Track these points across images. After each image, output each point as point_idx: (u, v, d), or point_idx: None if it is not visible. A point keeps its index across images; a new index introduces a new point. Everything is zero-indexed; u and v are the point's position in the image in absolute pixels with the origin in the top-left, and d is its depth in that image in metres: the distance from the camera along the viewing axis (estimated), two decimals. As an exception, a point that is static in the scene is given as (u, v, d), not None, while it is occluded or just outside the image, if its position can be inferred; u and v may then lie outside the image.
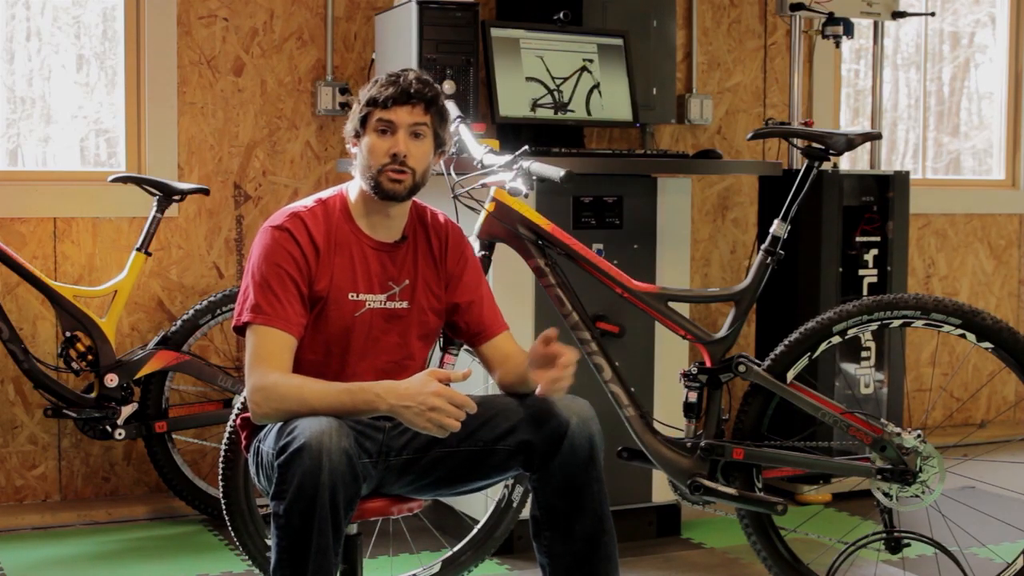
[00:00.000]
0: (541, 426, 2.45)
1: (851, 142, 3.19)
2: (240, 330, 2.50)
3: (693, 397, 3.14)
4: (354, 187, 2.61)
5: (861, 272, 4.33)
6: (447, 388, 2.32)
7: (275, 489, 2.29)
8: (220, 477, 2.96)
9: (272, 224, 2.53)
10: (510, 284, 3.57)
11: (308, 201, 2.59)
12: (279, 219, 2.54)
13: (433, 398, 2.30)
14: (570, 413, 2.47)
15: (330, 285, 2.52)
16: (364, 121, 2.54)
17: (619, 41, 4.15)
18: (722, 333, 3.15)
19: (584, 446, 2.45)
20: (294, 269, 2.48)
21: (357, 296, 2.55)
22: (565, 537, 2.47)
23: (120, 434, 3.89)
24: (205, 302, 4.01)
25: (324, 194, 2.62)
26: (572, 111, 4.03)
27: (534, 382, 2.47)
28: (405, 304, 2.60)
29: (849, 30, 4.53)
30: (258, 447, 2.49)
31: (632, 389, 3.14)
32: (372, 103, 2.53)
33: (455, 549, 3.22)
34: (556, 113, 4.00)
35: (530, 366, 2.49)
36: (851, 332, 3.10)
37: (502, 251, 3.16)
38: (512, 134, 3.90)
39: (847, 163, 5.34)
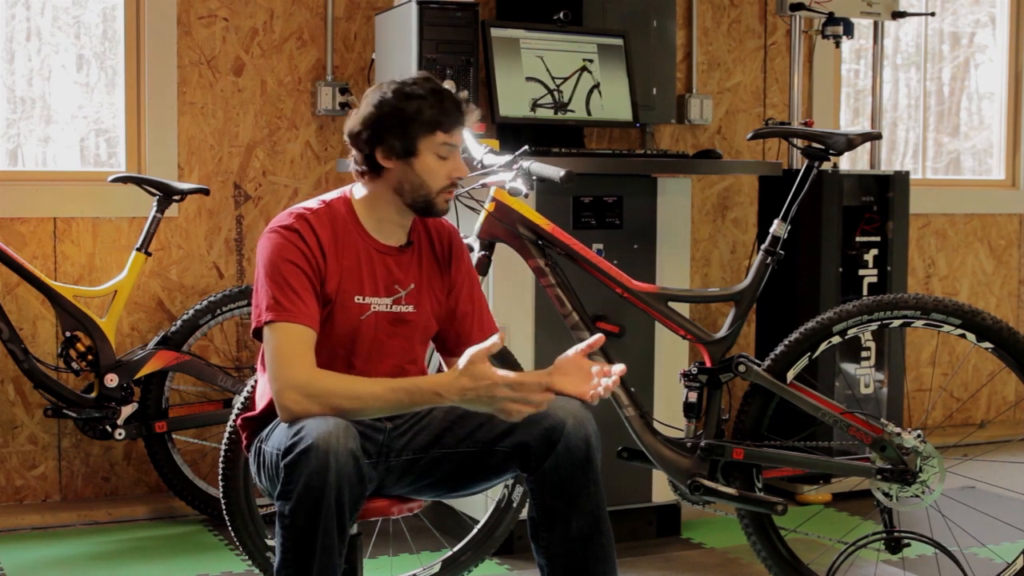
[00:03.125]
0: (537, 427, 2.45)
1: (851, 142, 3.19)
2: (259, 333, 2.46)
3: (693, 397, 3.14)
4: (359, 190, 2.59)
5: (861, 272, 4.33)
6: (502, 375, 2.29)
7: (281, 489, 2.28)
8: (220, 477, 2.95)
9: (280, 224, 2.50)
10: (510, 284, 3.58)
11: (312, 203, 2.57)
12: (286, 219, 2.51)
13: (494, 388, 2.29)
14: (566, 414, 2.46)
15: (337, 288, 2.51)
16: (417, 140, 2.50)
17: (619, 41, 4.15)
18: (722, 333, 3.15)
19: (580, 447, 2.44)
20: (307, 266, 2.47)
21: (363, 299, 2.54)
22: (562, 538, 2.47)
23: (120, 434, 3.89)
24: (205, 302, 4.01)
25: (328, 196, 2.60)
26: (572, 111, 4.03)
27: (559, 389, 2.38)
28: (411, 308, 2.59)
29: (849, 30, 4.53)
30: (260, 447, 2.48)
31: (632, 389, 3.14)
32: (436, 126, 2.50)
33: (455, 549, 3.22)
34: (556, 113, 4.00)
35: (553, 372, 2.41)
36: (851, 332, 3.10)
37: (502, 251, 3.16)
38: (512, 134, 3.90)
39: (847, 163, 5.34)
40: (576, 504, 2.45)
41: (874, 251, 4.34)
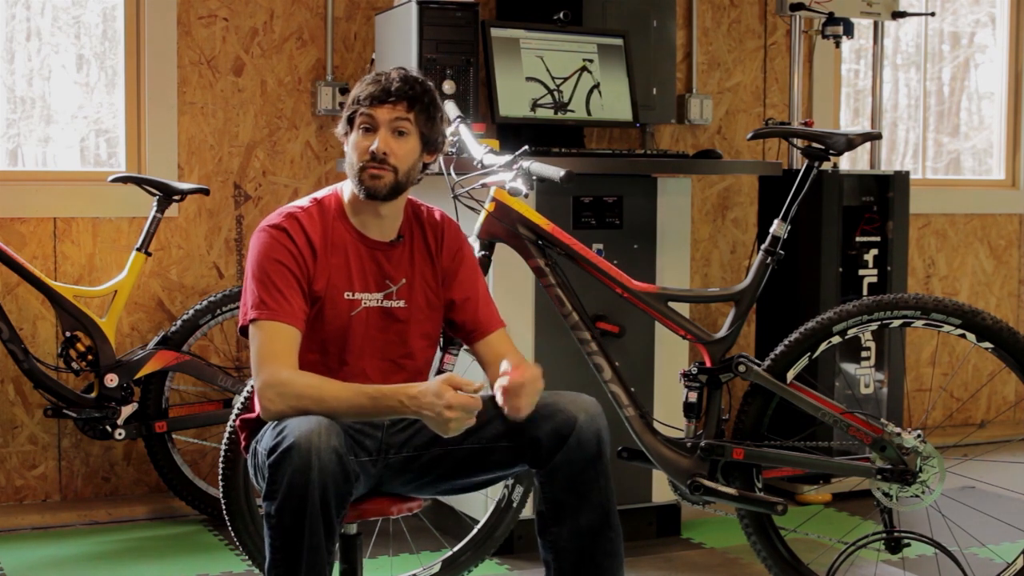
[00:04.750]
0: (548, 422, 2.46)
1: (851, 142, 3.19)
2: (245, 331, 2.49)
3: (693, 397, 3.14)
4: (347, 186, 2.61)
5: (861, 272, 4.33)
6: (459, 397, 2.32)
7: (266, 489, 2.30)
8: (220, 477, 2.96)
9: (269, 224, 2.53)
10: (510, 284, 3.57)
11: (303, 201, 2.59)
12: (276, 219, 2.53)
13: (447, 411, 2.32)
14: (577, 409, 2.48)
15: (327, 285, 2.52)
16: (351, 119, 2.56)
17: (619, 41, 4.15)
18: (722, 333, 3.15)
19: (592, 441, 2.46)
20: (294, 265, 2.49)
21: (353, 295, 2.55)
22: (571, 532, 2.48)
23: (120, 434, 3.89)
24: (205, 302, 4.01)
25: (319, 193, 2.62)
26: (572, 111, 4.03)
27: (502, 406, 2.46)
28: (402, 303, 2.60)
29: (849, 30, 4.53)
30: (255, 448, 2.49)
31: (632, 389, 3.14)
32: (356, 101, 2.55)
33: (455, 549, 3.22)
34: (556, 113, 4.00)
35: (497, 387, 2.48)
36: (851, 332, 3.10)
37: (502, 251, 3.16)
38: (512, 134, 3.89)
39: (847, 163, 5.34)
40: (586, 498, 2.46)
41: (874, 251, 4.34)
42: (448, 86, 3.85)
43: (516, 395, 2.40)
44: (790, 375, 3.11)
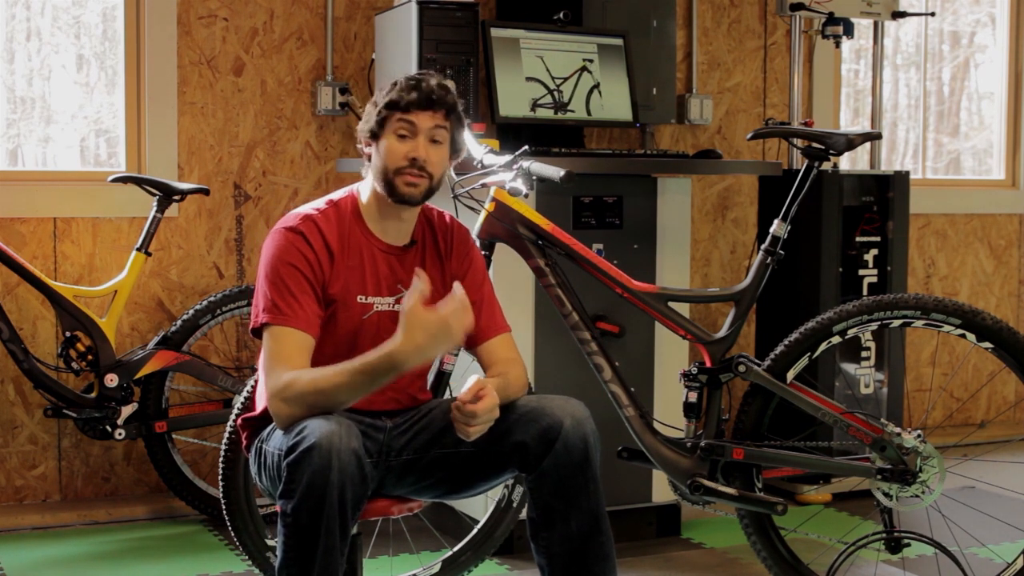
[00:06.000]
0: (535, 427, 2.45)
1: (851, 142, 3.19)
2: (258, 333, 2.48)
3: (693, 397, 3.14)
4: (365, 188, 2.60)
5: (861, 272, 4.33)
6: (430, 316, 2.28)
7: (283, 488, 2.28)
8: (220, 477, 2.96)
9: (285, 226, 2.51)
10: (510, 284, 3.57)
11: (320, 203, 2.58)
12: (292, 221, 2.52)
13: (447, 325, 2.28)
14: (564, 414, 2.46)
15: (342, 288, 2.52)
16: (382, 123, 2.53)
17: (619, 41, 4.15)
18: (722, 333, 3.15)
19: (578, 446, 2.45)
20: (308, 270, 2.47)
21: (366, 299, 2.55)
22: (562, 537, 2.47)
23: (120, 434, 3.89)
24: (205, 302, 4.01)
25: (335, 195, 2.61)
26: (572, 111, 4.03)
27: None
28: None
29: (849, 30, 4.53)
30: (260, 447, 2.49)
31: (632, 389, 3.14)
32: (393, 106, 2.52)
33: (455, 549, 3.22)
34: (556, 113, 4.00)
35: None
36: (851, 332, 3.10)
37: (502, 251, 3.16)
38: (512, 134, 3.90)
39: (847, 163, 5.34)
40: (575, 503, 2.45)
41: (874, 251, 4.34)
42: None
43: (467, 423, 2.38)
44: (790, 375, 3.11)
